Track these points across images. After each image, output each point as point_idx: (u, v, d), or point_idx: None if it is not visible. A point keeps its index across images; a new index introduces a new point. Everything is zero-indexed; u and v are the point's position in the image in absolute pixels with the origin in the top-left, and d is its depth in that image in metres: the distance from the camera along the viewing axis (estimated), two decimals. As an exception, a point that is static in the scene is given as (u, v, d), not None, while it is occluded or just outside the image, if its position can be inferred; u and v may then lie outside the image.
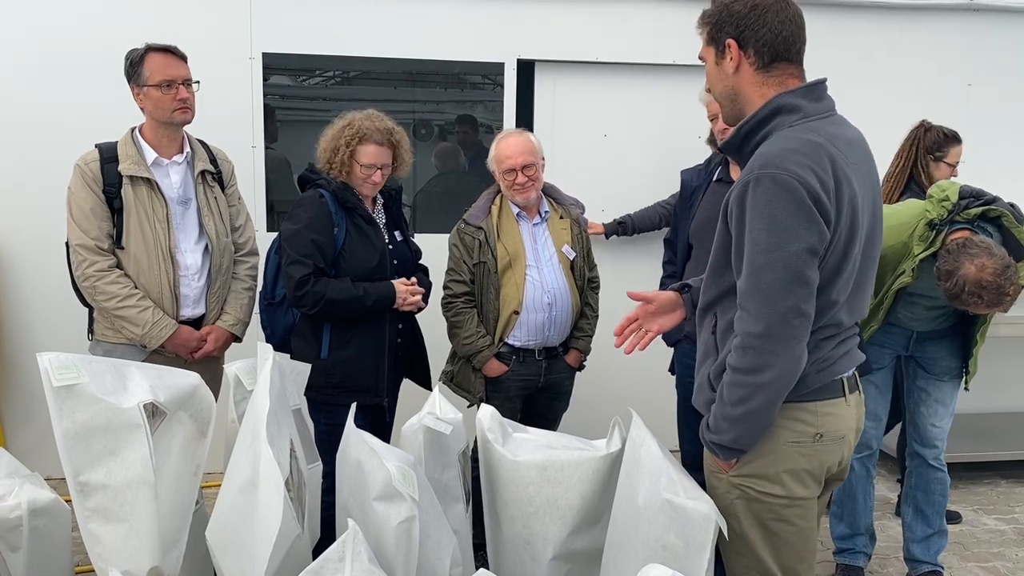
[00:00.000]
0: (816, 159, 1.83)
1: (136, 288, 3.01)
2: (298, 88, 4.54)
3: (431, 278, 3.46)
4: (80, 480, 2.15)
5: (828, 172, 1.84)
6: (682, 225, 3.38)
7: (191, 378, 2.45)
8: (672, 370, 3.52)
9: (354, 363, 3.14)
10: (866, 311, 2.09)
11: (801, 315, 1.84)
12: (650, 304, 2.26)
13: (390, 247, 3.23)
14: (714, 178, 3.27)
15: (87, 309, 3.16)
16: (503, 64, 4.48)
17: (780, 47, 1.93)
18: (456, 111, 4.67)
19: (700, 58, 2.06)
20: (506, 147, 3.36)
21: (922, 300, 3.20)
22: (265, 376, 2.21)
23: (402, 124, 3.31)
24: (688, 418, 3.32)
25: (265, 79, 4.29)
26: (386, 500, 2.13)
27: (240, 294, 3.28)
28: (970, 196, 3.00)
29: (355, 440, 2.27)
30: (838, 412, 2.03)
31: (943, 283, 2.87)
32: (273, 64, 4.31)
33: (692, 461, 2.82)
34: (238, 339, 3.28)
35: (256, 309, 3.36)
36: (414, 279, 3.22)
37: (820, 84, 1.99)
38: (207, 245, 3.15)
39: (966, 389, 3.41)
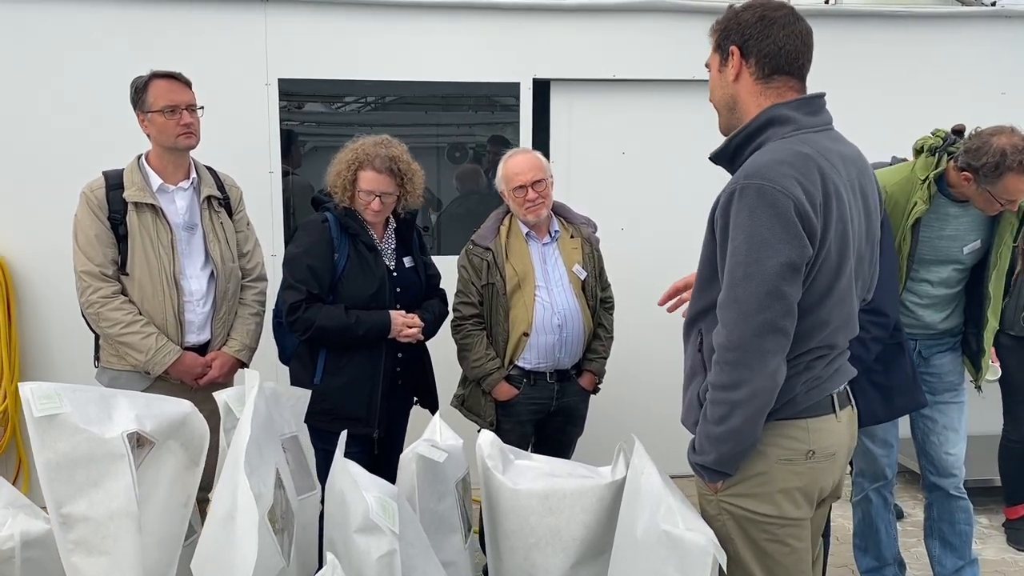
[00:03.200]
0: (804, 171, 1.78)
1: (140, 314, 3.00)
2: (323, 114, 4.53)
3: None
4: (62, 512, 2.10)
5: (817, 186, 1.79)
6: None
7: (182, 406, 2.40)
8: None
9: (346, 391, 3.06)
10: (856, 329, 2.00)
11: (776, 331, 1.78)
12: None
13: (394, 274, 3.16)
14: None
15: (94, 336, 3.15)
16: (519, 84, 4.44)
17: (782, 60, 1.93)
18: (479, 132, 4.62)
19: (706, 65, 2.07)
20: (514, 165, 3.30)
21: (931, 263, 3.08)
22: (249, 404, 2.16)
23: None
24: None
25: (281, 105, 4.29)
26: (366, 533, 2.05)
27: (247, 319, 3.25)
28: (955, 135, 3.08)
29: (340, 470, 2.20)
30: (829, 428, 1.98)
31: (977, 162, 2.83)
32: (289, 90, 4.31)
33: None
34: (244, 365, 3.24)
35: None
36: (413, 314, 3.13)
37: (817, 98, 1.96)
38: (213, 271, 3.12)
39: (978, 389, 3.28)
